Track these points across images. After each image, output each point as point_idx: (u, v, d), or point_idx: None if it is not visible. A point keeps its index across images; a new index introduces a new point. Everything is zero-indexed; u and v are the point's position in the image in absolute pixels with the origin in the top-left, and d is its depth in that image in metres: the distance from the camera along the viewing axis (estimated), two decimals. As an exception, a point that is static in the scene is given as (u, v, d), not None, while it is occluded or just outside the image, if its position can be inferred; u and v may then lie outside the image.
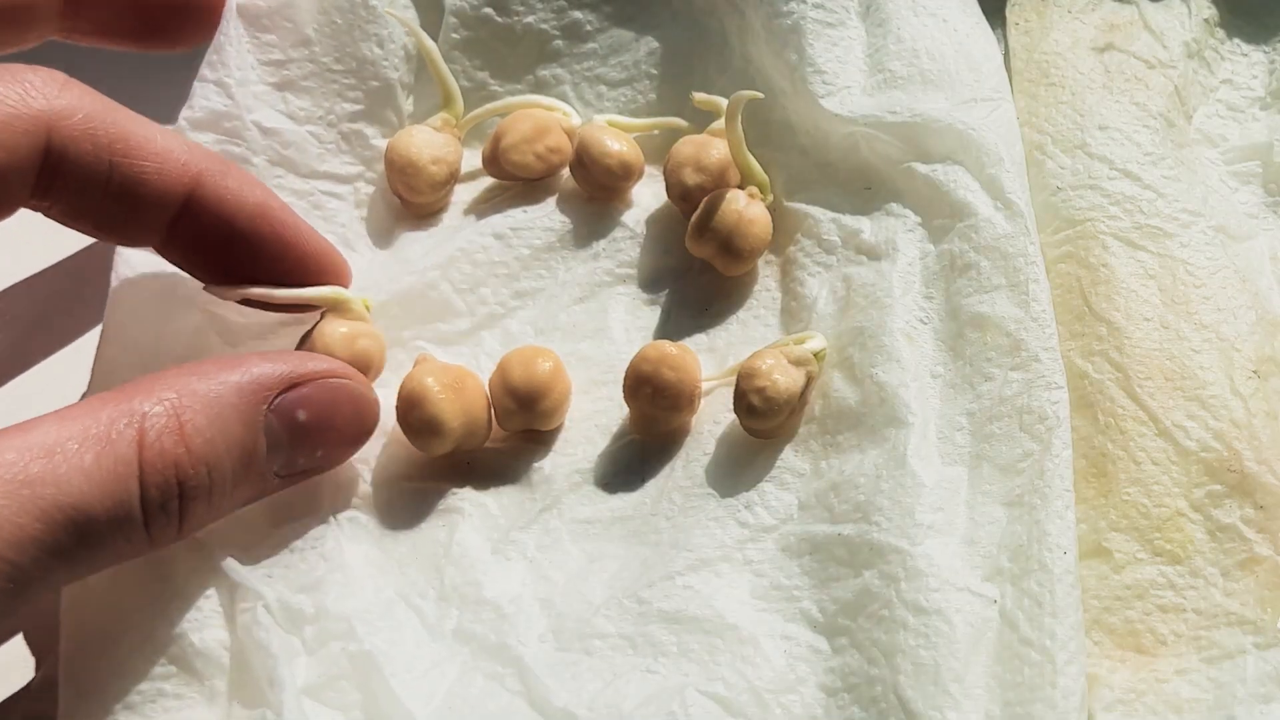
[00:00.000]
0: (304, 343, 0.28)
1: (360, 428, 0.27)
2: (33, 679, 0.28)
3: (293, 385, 0.25)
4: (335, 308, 0.28)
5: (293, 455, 0.26)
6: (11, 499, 0.21)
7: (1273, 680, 0.25)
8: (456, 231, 0.33)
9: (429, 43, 0.33)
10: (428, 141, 0.33)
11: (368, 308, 0.29)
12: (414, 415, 0.28)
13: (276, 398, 0.25)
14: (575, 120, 0.34)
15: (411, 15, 0.35)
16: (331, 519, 0.29)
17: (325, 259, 0.29)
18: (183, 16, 0.30)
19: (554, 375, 0.30)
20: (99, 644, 0.27)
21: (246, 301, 0.28)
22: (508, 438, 0.30)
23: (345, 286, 0.30)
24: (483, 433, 0.29)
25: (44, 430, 0.22)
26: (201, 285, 0.28)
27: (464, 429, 0.29)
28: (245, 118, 0.33)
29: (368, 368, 0.28)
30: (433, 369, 0.29)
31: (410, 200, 0.33)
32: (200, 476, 0.24)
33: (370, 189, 0.34)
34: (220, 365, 0.25)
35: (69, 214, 0.26)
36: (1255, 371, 0.28)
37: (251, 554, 0.28)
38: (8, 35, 0.28)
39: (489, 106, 0.34)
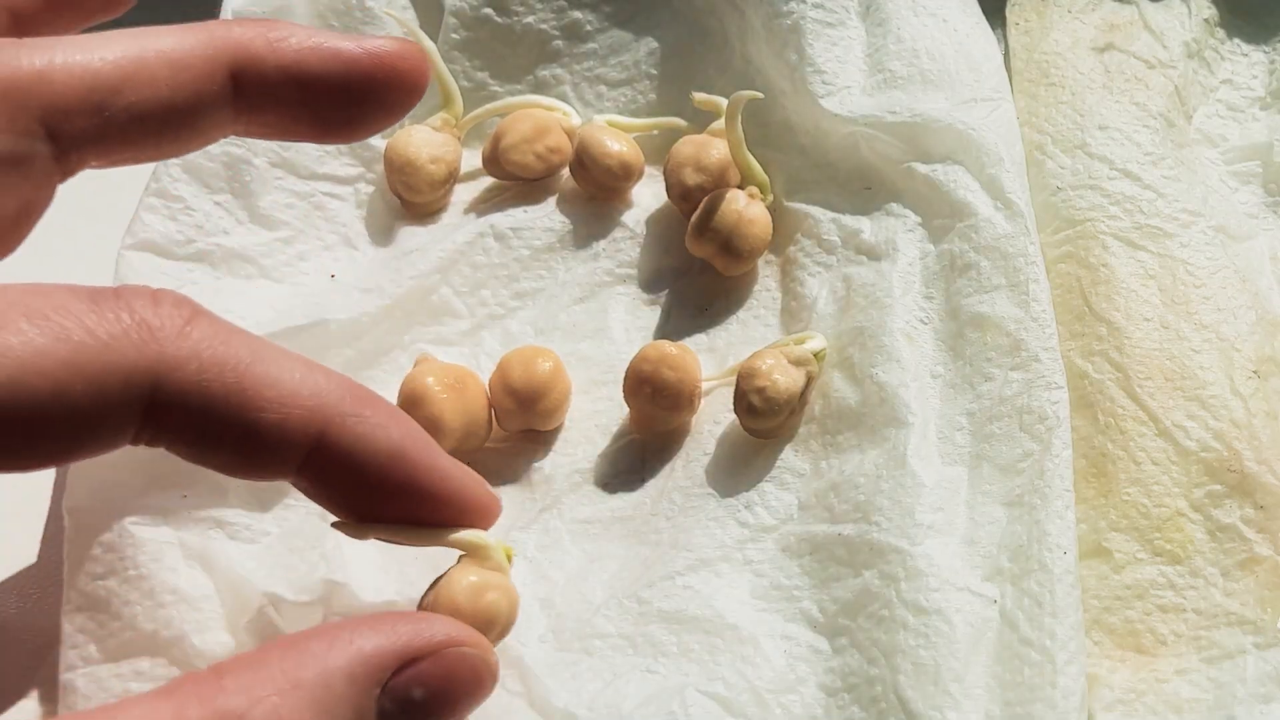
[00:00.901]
0: (432, 589, 0.26)
1: (478, 695, 0.24)
2: (34, 677, 0.28)
3: (410, 661, 0.22)
4: (473, 553, 0.26)
5: None
6: None
7: (1273, 680, 0.25)
8: (457, 231, 0.33)
9: (428, 43, 0.33)
10: (426, 141, 0.33)
11: (509, 556, 0.26)
12: (414, 415, 0.28)
13: (392, 678, 0.22)
14: (575, 120, 0.34)
15: (410, 16, 0.35)
16: (333, 529, 0.29)
17: (470, 499, 0.26)
18: (371, 106, 0.27)
19: (554, 375, 0.30)
20: (99, 645, 0.27)
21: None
22: (508, 437, 0.30)
23: (489, 524, 0.26)
24: (483, 432, 0.29)
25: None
26: (330, 522, 0.26)
27: (464, 429, 0.29)
28: None
29: (492, 625, 0.25)
30: (433, 369, 0.29)
31: (409, 200, 0.33)
32: None
33: (370, 189, 0.34)
34: (327, 644, 0.22)
35: (186, 450, 0.23)
36: (1255, 371, 0.28)
37: (254, 556, 0.28)
38: (174, 146, 0.25)
39: (489, 106, 0.34)
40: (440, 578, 0.26)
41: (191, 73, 0.24)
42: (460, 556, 0.26)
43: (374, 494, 0.24)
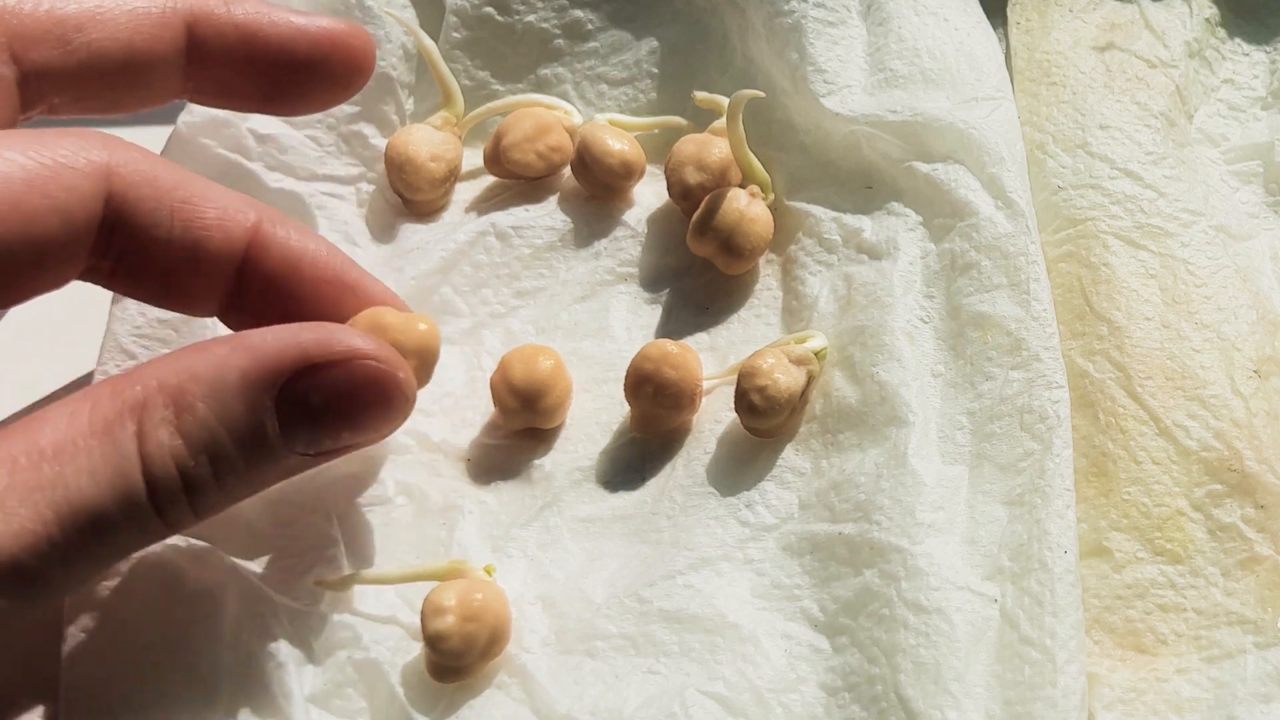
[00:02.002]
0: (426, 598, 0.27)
1: (389, 409, 0.25)
2: (36, 677, 0.28)
3: (305, 367, 0.23)
4: (456, 574, 0.27)
5: (314, 436, 0.24)
6: (26, 504, 0.21)
7: (1273, 680, 0.25)
8: (458, 230, 0.33)
9: (427, 42, 0.33)
10: (426, 139, 0.33)
11: (489, 572, 0.27)
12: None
13: (292, 380, 0.23)
14: (576, 119, 0.34)
15: (410, 15, 0.35)
16: (335, 523, 0.29)
17: (385, 293, 0.28)
18: (315, 79, 0.28)
19: (555, 373, 0.30)
20: (101, 648, 0.27)
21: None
22: (508, 435, 0.30)
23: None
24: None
25: (51, 428, 0.22)
26: (313, 581, 0.27)
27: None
28: (242, 125, 0.33)
29: (483, 622, 0.26)
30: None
31: (410, 198, 0.33)
32: (201, 466, 0.23)
33: (371, 189, 0.34)
34: (229, 344, 0.23)
35: (129, 273, 0.25)
36: (1256, 371, 0.28)
37: (258, 560, 0.28)
38: (130, 95, 0.27)
39: (490, 105, 0.34)
40: (435, 589, 0.26)
41: (150, 19, 0.26)
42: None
43: (307, 283, 0.26)
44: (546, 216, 0.33)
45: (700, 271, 0.32)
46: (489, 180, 0.34)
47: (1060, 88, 0.32)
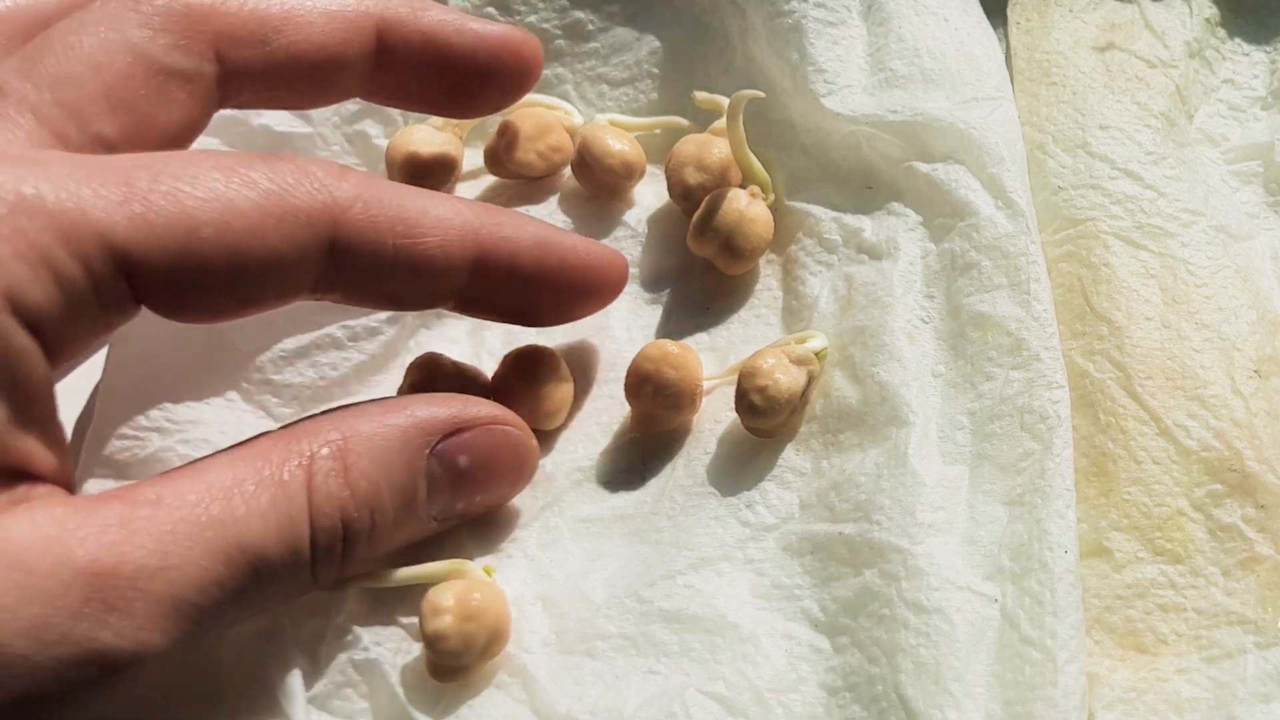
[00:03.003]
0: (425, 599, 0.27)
1: (520, 474, 0.27)
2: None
3: (456, 430, 0.25)
4: (455, 574, 0.27)
5: (452, 499, 0.26)
6: (196, 542, 0.21)
7: (1273, 679, 0.25)
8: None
9: None
10: (427, 139, 0.33)
11: (489, 572, 0.27)
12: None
13: (439, 442, 0.25)
14: (577, 119, 0.34)
15: None
16: None
17: (608, 264, 0.28)
18: (491, 84, 0.29)
19: (557, 375, 0.30)
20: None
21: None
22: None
23: (623, 275, 0.29)
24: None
25: (219, 471, 0.22)
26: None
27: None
28: (253, 122, 0.33)
29: (481, 622, 0.26)
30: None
31: None
32: (363, 519, 0.24)
33: None
34: (384, 408, 0.25)
35: (355, 299, 0.26)
36: (1256, 371, 0.28)
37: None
38: (314, 93, 0.27)
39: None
40: (434, 589, 0.26)
41: (343, 23, 0.26)
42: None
43: (533, 287, 0.27)
44: (547, 216, 0.33)
45: (700, 272, 0.32)
46: (489, 180, 0.34)
47: (1060, 88, 0.32)
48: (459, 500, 0.26)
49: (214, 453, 0.23)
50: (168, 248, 0.22)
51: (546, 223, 0.28)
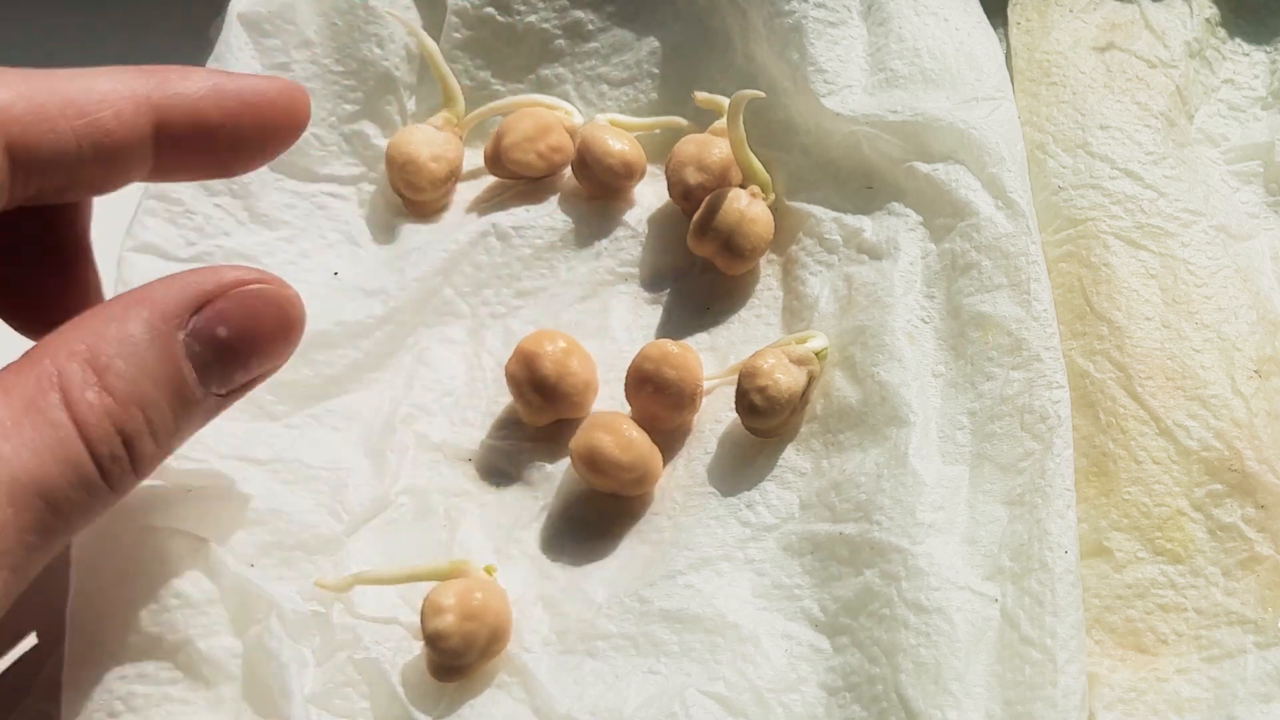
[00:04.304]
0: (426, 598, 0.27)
1: (288, 330, 0.26)
2: (36, 677, 0.28)
3: (204, 303, 0.24)
4: (456, 574, 0.27)
5: (226, 371, 0.25)
6: None
7: (1273, 679, 0.25)
8: (459, 230, 0.33)
9: (429, 42, 0.33)
10: (428, 139, 0.33)
11: (490, 571, 0.27)
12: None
13: (190, 319, 0.24)
14: (577, 119, 0.34)
15: (413, 15, 0.35)
16: (338, 524, 0.29)
17: (287, 95, 0.28)
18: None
19: (577, 363, 0.30)
20: (103, 647, 0.27)
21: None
22: (508, 435, 0.30)
23: (302, 113, 0.28)
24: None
25: None
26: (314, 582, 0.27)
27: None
28: None
29: (483, 621, 0.26)
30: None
31: (411, 198, 0.33)
32: (135, 419, 0.23)
33: (373, 188, 0.34)
34: (124, 303, 0.24)
35: (56, 198, 0.26)
36: (1256, 371, 0.28)
37: (258, 561, 0.28)
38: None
39: (491, 105, 0.35)
40: (435, 588, 0.26)
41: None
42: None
43: (220, 135, 0.27)
44: (547, 217, 0.33)
45: (701, 272, 0.32)
46: (490, 180, 0.34)
47: (1060, 88, 0.32)
48: (234, 371, 0.25)
49: None
50: None
51: (214, 69, 0.28)
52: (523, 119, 0.33)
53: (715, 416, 0.30)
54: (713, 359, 0.31)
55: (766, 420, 0.28)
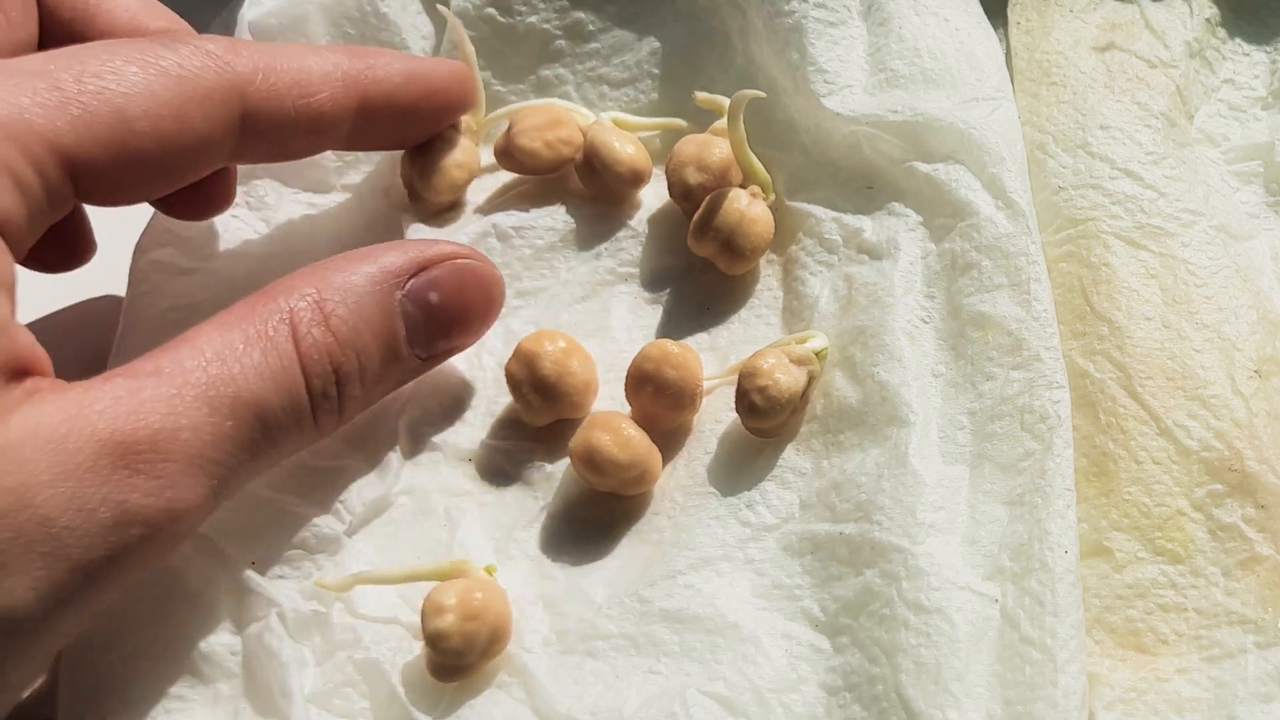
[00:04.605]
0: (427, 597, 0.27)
1: (489, 305, 0.29)
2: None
3: (421, 269, 0.27)
4: (457, 574, 0.27)
5: (430, 336, 0.27)
6: (202, 402, 0.23)
7: (1273, 679, 0.25)
8: (460, 231, 0.33)
9: (468, 46, 0.33)
10: (447, 142, 0.33)
11: (490, 572, 0.28)
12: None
13: (408, 282, 0.26)
14: (588, 119, 0.34)
15: (422, 20, 0.35)
16: (338, 524, 0.29)
17: (461, 80, 0.32)
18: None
19: (576, 362, 0.30)
20: (102, 645, 0.27)
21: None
22: (508, 435, 0.30)
23: (474, 91, 0.33)
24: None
25: (209, 337, 0.24)
26: (314, 581, 0.28)
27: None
28: None
29: (484, 621, 0.26)
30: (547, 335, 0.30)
31: (428, 199, 0.33)
32: (350, 361, 0.25)
33: (377, 186, 0.34)
34: (351, 259, 0.26)
35: (263, 159, 0.29)
36: (1256, 371, 0.28)
37: (259, 560, 0.28)
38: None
39: (506, 109, 0.34)
40: (436, 588, 0.26)
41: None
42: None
43: (407, 117, 0.31)
44: (548, 217, 0.33)
45: (701, 272, 0.32)
46: (496, 181, 0.34)
47: (1060, 88, 0.32)
48: (438, 336, 0.27)
49: (194, 328, 0.24)
50: (108, 146, 0.24)
51: (405, 54, 0.32)
52: (535, 112, 0.33)
53: (715, 416, 0.30)
54: (713, 359, 0.31)
55: (766, 420, 0.28)
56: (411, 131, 0.32)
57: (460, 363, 0.31)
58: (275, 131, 0.28)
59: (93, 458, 0.21)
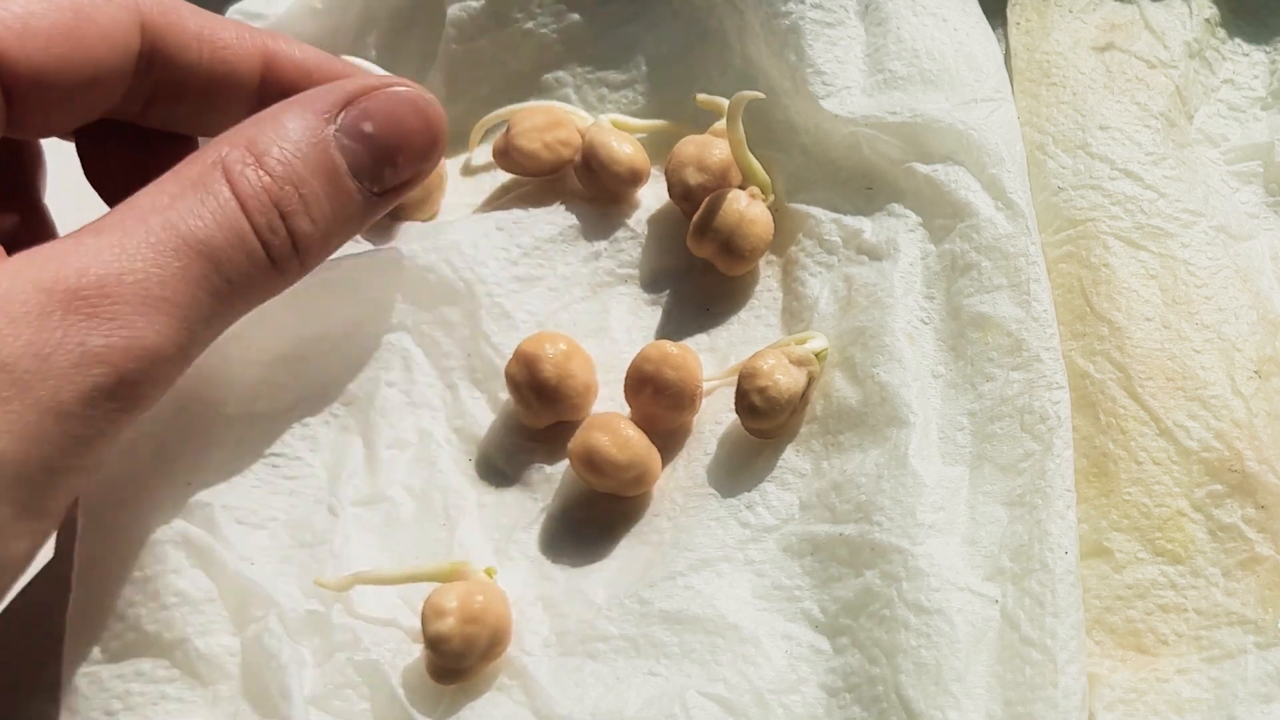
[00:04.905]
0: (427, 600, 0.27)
1: (431, 133, 0.28)
2: (39, 677, 0.28)
3: (351, 102, 0.26)
4: (457, 575, 0.27)
5: (375, 167, 0.27)
6: (147, 245, 0.23)
7: (1273, 680, 0.25)
8: (458, 229, 0.33)
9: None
10: None
11: (490, 574, 0.27)
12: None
13: (339, 116, 0.26)
14: (587, 121, 0.34)
15: (418, 30, 0.36)
16: (339, 525, 0.29)
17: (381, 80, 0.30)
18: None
19: (580, 363, 0.30)
20: (102, 645, 0.27)
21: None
22: (508, 435, 0.30)
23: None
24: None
25: (144, 194, 0.24)
26: (313, 581, 0.28)
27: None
28: None
29: (484, 624, 0.26)
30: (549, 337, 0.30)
31: (405, 214, 0.33)
32: (292, 196, 0.25)
33: None
34: (283, 104, 0.26)
35: (166, 99, 0.28)
36: (1256, 371, 0.28)
37: (258, 560, 0.28)
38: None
39: (506, 110, 0.34)
40: (436, 590, 0.26)
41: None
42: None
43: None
44: (547, 216, 0.33)
45: (700, 272, 0.32)
46: (494, 181, 0.35)
47: (1060, 88, 0.32)
48: (383, 167, 0.27)
49: (137, 193, 0.25)
50: (30, 48, 0.25)
51: (336, 58, 0.30)
52: (534, 113, 0.33)
53: (715, 417, 0.30)
54: (712, 360, 0.31)
55: (766, 421, 0.28)
56: None
57: (460, 362, 0.31)
58: (176, 73, 0.28)
59: (41, 305, 0.22)
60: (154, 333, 0.23)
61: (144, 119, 0.29)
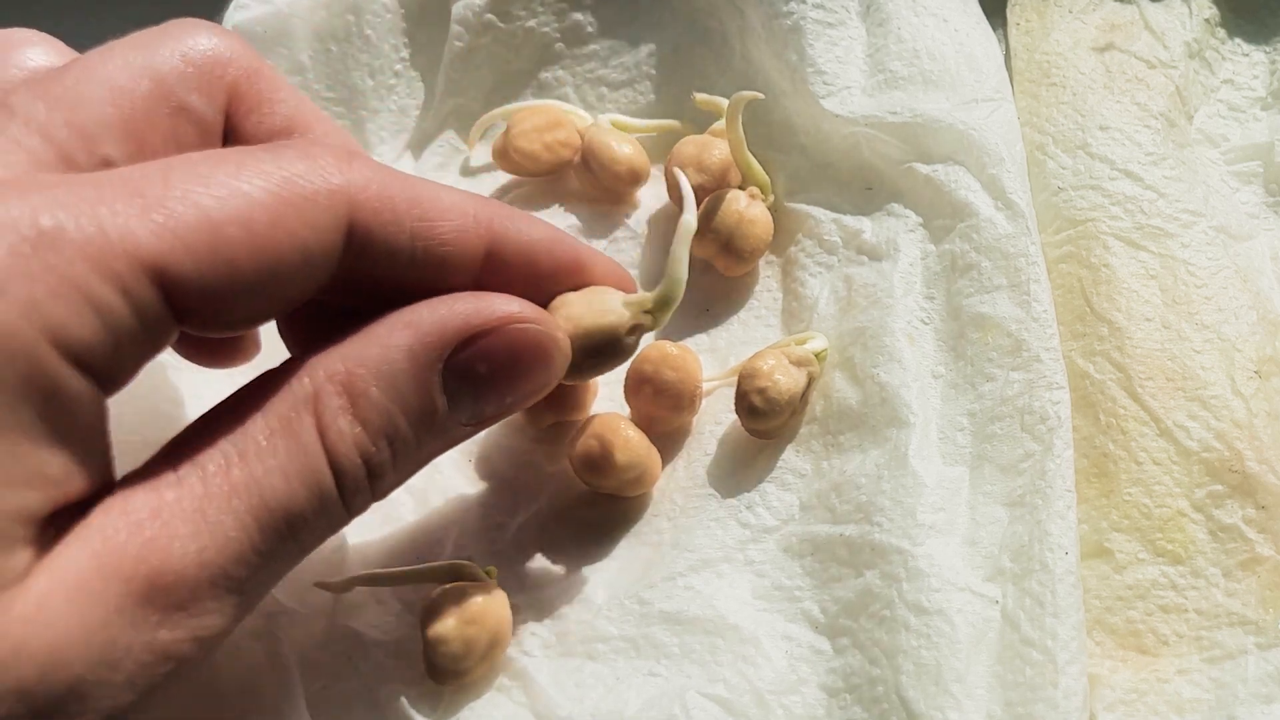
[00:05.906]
0: (427, 604, 0.27)
1: (548, 368, 0.25)
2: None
3: (471, 338, 0.24)
4: (457, 576, 0.27)
5: (478, 406, 0.24)
6: (225, 514, 0.21)
7: (1274, 680, 0.25)
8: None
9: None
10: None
11: (490, 575, 0.27)
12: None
13: (454, 354, 0.23)
14: (585, 121, 0.34)
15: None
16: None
17: (614, 268, 0.27)
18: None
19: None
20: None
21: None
22: (508, 436, 0.30)
23: (632, 288, 0.27)
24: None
25: (228, 431, 0.22)
26: (312, 583, 0.27)
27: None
28: None
29: (483, 626, 0.26)
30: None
31: None
32: (382, 450, 0.23)
33: None
34: (389, 326, 0.23)
35: (372, 295, 0.24)
36: (1256, 372, 0.28)
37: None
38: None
39: (505, 109, 0.34)
40: (436, 591, 0.26)
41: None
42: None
43: (546, 277, 0.26)
44: (550, 217, 0.33)
45: (700, 273, 0.32)
46: (495, 183, 0.35)
47: (1060, 89, 0.32)
48: (486, 406, 0.24)
49: (219, 404, 0.23)
50: (197, 253, 0.21)
51: (558, 228, 0.27)
52: (534, 113, 0.33)
53: (715, 418, 0.30)
54: (712, 360, 0.31)
55: (766, 421, 0.28)
56: (538, 299, 0.26)
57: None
58: (387, 258, 0.24)
59: (119, 599, 0.20)
60: (220, 618, 0.21)
61: (334, 302, 0.25)
